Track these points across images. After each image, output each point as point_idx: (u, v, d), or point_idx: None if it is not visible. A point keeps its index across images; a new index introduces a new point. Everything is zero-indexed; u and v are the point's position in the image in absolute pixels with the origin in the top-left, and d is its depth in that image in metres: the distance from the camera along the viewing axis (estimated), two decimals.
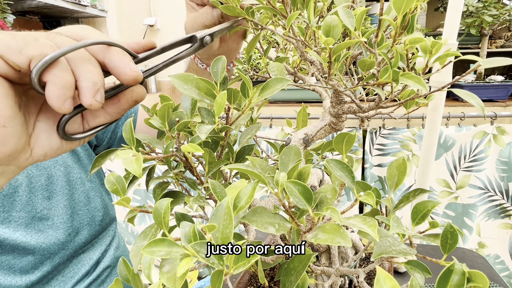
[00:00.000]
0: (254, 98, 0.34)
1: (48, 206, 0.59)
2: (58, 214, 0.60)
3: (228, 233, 0.22)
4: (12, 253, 0.54)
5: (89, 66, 0.27)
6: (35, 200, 0.57)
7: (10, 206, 0.54)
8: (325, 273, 0.36)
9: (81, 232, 0.63)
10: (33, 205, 0.57)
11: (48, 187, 0.59)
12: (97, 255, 0.66)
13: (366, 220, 0.25)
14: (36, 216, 0.57)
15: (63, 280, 0.60)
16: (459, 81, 0.35)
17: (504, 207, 1.49)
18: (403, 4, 0.26)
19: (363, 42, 0.31)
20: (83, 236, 0.63)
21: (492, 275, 0.77)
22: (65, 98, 0.26)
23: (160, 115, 0.36)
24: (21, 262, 0.54)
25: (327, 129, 0.47)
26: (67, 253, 0.60)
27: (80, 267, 0.63)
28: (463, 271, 0.20)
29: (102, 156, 0.34)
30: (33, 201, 0.57)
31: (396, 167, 0.33)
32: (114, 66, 0.28)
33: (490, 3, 1.55)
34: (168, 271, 0.23)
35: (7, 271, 0.53)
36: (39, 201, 0.57)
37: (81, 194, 0.65)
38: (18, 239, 0.54)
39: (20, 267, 0.54)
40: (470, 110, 1.51)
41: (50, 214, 0.58)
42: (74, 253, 0.62)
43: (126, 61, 0.29)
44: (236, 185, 0.27)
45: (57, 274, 0.60)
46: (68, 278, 0.61)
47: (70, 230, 0.61)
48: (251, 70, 1.44)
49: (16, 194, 0.55)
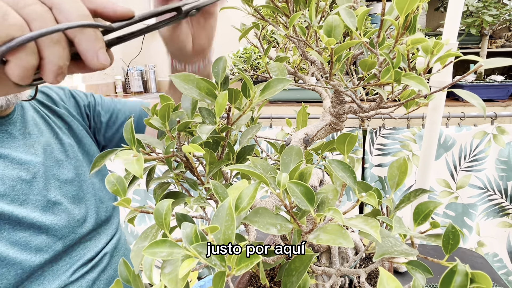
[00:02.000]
0: (255, 98, 0.34)
1: (60, 193, 0.67)
2: (69, 201, 0.68)
3: (230, 234, 0.22)
4: (29, 230, 0.60)
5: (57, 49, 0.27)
6: (49, 187, 0.65)
7: (29, 190, 0.62)
8: (326, 274, 0.36)
9: (88, 219, 0.71)
10: (48, 191, 0.64)
11: (59, 177, 0.68)
12: (102, 243, 0.74)
13: (368, 221, 0.25)
14: (51, 201, 0.64)
15: (69, 261, 0.67)
16: (459, 81, 0.35)
17: (503, 206, 1.49)
18: (406, 5, 0.26)
19: (364, 43, 0.31)
20: (89, 224, 0.71)
21: (492, 275, 0.77)
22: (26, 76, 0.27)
23: (160, 115, 0.36)
24: (36, 240, 0.61)
25: (327, 129, 0.47)
26: (76, 236, 0.68)
27: (86, 252, 0.70)
28: (466, 272, 0.20)
29: (102, 156, 0.34)
30: (47, 188, 0.65)
31: (397, 167, 0.33)
32: (83, 52, 0.28)
33: (490, 3, 1.55)
34: (170, 273, 0.23)
35: (24, 247, 0.59)
36: (53, 189, 0.65)
37: (89, 186, 0.73)
38: (34, 218, 0.61)
39: (36, 245, 0.60)
40: (470, 110, 1.51)
41: (62, 200, 0.66)
42: (82, 238, 0.70)
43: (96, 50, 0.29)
44: (238, 186, 0.27)
45: (65, 256, 0.66)
46: (74, 260, 0.67)
47: (79, 217, 0.69)
48: (251, 70, 1.44)
49: (34, 179, 0.63)
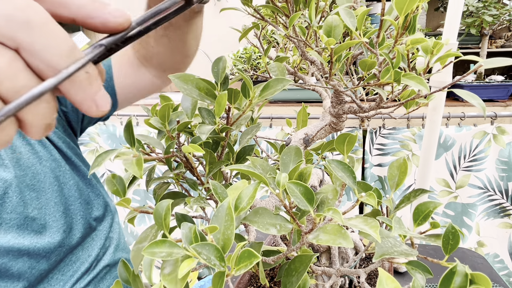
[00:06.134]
0: (254, 98, 0.33)
1: (38, 206, 0.56)
2: (50, 212, 0.58)
3: (229, 234, 0.22)
4: (7, 255, 0.52)
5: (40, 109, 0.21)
6: (25, 201, 0.55)
7: (0, 208, 0.52)
8: (326, 274, 0.36)
9: (75, 227, 0.61)
10: (25, 206, 0.54)
11: (35, 186, 0.57)
12: (96, 251, 0.64)
13: (367, 221, 0.25)
14: (28, 217, 0.55)
15: (62, 279, 0.59)
16: (459, 81, 0.35)
17: (504, 206, 1.49)
18: (405, 5, 0.26)
19: (364, 43, 0.31)
20: (77, 231, 0.61)
21: (492, 275, 0.77)
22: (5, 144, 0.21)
23: (160, 115, 0.36)
24: (17, 264, 0.53)
25: (327, 129, 0.47)
26: (63, 250, 0.59)
27: (80, 265, 0.61)
28: (466, 272, 0.19)
29: (102, 156, 0.34)
30: (24, 202, 0.55)
31: (397, 167, 0.33)
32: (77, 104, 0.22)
33: (490, 3, 1.55)
34: (170, 273, 0.23)
35: (4, 274, 0.52)
36: (29, 201, 0.55)
37: (71, 187, 0.62)
38: (10, 241, 0.52)
39: (17, 269, 0.53)
40: (470, 110, 1.51)
41: (41, 213, 0.56)
42: (71, 250, 0.61)
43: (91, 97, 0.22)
44: (237, 186, 0.27)
45: (56, 274, 0.58)
46: (67, 277, 0.59)
47: (65, 227, 0.59)
48: (251, 70, 1.45)
49: (6, 195, 0.53)
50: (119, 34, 0.22)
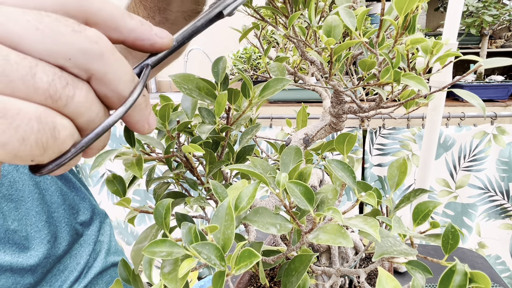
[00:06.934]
0: (254, 98, 0.34)
1: (18, 217, 0.52)
2: (31, 222, 0.54)
3: (229, 234, 0.22)
4: None
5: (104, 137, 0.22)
6: (3, 212, 0.51)
7: None
8: (326, 273, 0.36)
9: (61, 235, 0.57)
10: (4, 218, 0.51)
11: (13, 195, 0.52)
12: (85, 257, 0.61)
13: (367, 220, 0.25)
14: (9, 229, 0.51)
15: None
16: (459, 81, 0.35)
17: (505, 207, 1.49)
18: (405, 4, 0.26)
19: (364, 43, 0.31)
20: (63, 240, 0.58)
21: (492, 275, 0.77)
22: None
23: (160, 115, 0.36)
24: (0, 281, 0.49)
25: (327, 129, 0.47)
26: (49, 261, 0.55)
27: (68, 274, 0.58)
28: (465, 271, 0.20)
29: (102, 156, 0.34)
30: (2, 213, 0.51)
31: (397, 167, 0.33)
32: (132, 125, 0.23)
33: (490, 3, 1.55)
34: (170, 272, 0.23)
35: None
36: (7, 213, 0.51)
37: (53, 193, 0.58)
38: None
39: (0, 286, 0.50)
40: (470, 110, 1.51)
41: (21, 224, 0.52)
42: (58, 259, 0.57)
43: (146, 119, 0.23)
44: (237, 186, 0.27)
45: (44, 285, 0.55)
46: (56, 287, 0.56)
47: (49, 237, 0.55)
48: (251, 70, 1.45)
49: None
50: (162, 53, 0.23)
